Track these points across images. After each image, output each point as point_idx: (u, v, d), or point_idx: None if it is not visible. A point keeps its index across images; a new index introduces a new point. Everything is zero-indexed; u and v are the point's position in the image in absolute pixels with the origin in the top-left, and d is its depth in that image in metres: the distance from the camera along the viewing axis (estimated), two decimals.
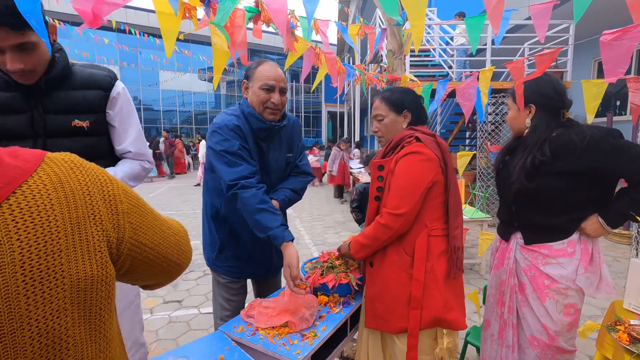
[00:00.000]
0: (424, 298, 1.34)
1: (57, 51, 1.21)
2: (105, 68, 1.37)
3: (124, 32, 7.54)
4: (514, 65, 1.27)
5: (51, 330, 0.44)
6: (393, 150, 1.45)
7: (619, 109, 6.49)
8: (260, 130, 1.55)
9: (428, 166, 1.34)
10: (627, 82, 1.62)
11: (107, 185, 0.54)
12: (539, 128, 1.43)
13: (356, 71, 2.43)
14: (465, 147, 8.84)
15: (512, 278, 1.52)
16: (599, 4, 5.18)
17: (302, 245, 4.94)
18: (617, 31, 1.07)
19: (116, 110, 1.33)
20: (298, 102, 26.81)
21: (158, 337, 2.63)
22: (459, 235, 1.40)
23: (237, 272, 1.69)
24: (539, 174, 1.40)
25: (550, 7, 1.54)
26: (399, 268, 1.38)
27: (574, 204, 1.39)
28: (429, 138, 1.40)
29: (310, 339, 1.28)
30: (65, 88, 1.23)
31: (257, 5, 1.37)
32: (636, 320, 1.37)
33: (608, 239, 5.02)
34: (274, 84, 1.50)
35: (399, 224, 1.33)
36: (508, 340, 1.52)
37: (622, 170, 1.31)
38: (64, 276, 0.45)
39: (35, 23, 0.87)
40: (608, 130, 1.35)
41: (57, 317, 0.45)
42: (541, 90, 1.43)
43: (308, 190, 5.61)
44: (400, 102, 1.50)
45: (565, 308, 1.40)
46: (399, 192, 1.34)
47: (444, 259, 1.38)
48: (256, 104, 1.52)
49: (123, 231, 0.54)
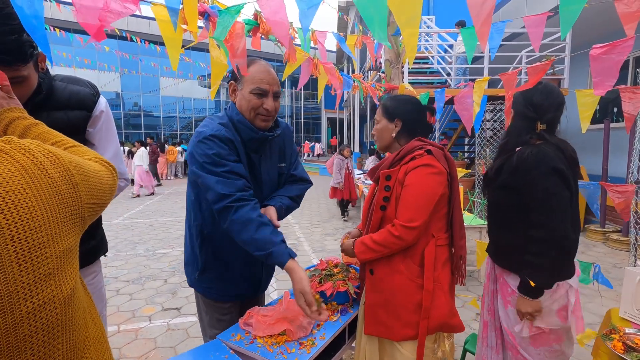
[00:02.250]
0: (432, 307, 1.37)
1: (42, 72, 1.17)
2: (88, 83, 1.31)
3: (125, 40, 7.62)
4: (508, 76, 1.29)
5: (42, 292, 0.53)
6: (401, 160, 1.44)
7: (616, 115, 6.53)
8: (252, 141, 1.39)
9: (439, 179, 1.36)
10: (620, 92, 1.65)
11: (58, 162, 0.62)
12: (510, 133, 1.48)
13: (354, 81, 2.47)
14: (465, 153, 8.87)
15: (490, 283, 1.58)
16: (592, 13, 5.25)
17: (301, 252, 4.93)
18: (606, 45, 1.10)
19: (97, 128, 1.29)
20: (298, 109, 26.93)
21: (156, 345, 2.63)
22: (464, 245, 1.45)
23: (222, 294, 1.52)
24: (491, 185, 1.49)
25: (545, 18, 1.57)
26: (406, 277, 1.39)
27: (515, 222, 1.41)
28: (439, 151, 1.41)
29: (308, 347, 1.29)
30: (48, 108, 1.18)
31: (255, 18, 1.39)
32: (631, 328, 1.38)
33: (607, 246, 5.02)
34: (267, 89, 1.33)
35: (412, 237, 1.34)
36: (491, 342, 1.57)
37: (529, 208, 1.33)
38: (46, 246, 0.55)
39: (39, 40, 0.89)
40: (547, 160, 1.31)
41: (46, 281, 0.54)
42: (521, 97, 1.46)
43: (307, 196, 5.60)
44: (393, 109, 1.51)
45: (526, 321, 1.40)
46: (413, 205, 1.34)
47: (448, 267, 1.42)
48: (246, 110, 1.35)
49: (81, 200, 0.65)
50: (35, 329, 0.53)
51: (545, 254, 1.27)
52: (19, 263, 0.51)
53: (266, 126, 1.40)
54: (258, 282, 1.60)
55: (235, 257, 1.47)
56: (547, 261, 1.28)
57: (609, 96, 6.33)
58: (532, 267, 1.31)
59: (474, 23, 1.07)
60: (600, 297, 3.18)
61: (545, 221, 1.27)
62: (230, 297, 1.55)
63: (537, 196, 1.29)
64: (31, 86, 1.08)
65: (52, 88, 1.20)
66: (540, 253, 1.28)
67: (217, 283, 1.50)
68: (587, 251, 4.82)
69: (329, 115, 24.93)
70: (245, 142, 1.38)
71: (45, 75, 1.17)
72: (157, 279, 3.95)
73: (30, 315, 0.51)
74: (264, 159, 1.48)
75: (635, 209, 3.21)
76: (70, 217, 0.60)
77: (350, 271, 1.74)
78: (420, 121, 1.52)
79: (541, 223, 1.28)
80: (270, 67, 1.37)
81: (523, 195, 1.34)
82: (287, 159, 1.60)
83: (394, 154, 1.48)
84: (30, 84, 1.07)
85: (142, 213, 7.81)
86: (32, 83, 1.08)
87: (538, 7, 6.10)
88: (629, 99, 1.57)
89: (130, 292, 3.59)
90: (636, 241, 3.24)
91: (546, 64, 1.20)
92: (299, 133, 26.89)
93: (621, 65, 1.14)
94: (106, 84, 20.09)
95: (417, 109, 1.52)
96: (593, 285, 1.85)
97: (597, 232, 5.35)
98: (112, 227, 6.43)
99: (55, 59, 13.89)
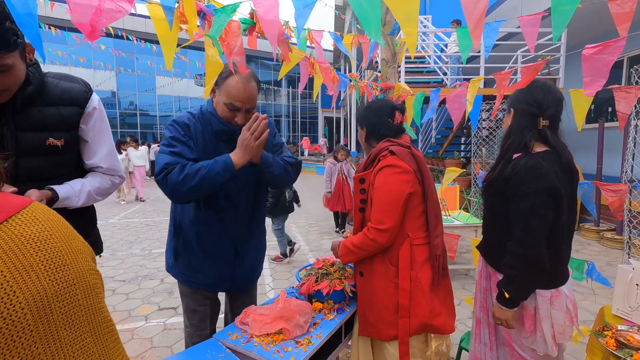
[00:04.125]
0: (411, 306, 1.38)
1: (32, 66, 1.15)
2: (80, 80, 1.30)
3: (121, 38, 7.57)
4: (501, 76, 1.30)
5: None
6: (372, 163, 1.50)
7: (610, 115, 6.59)
8: (222, 133, 1.45)
9: (404, 178, 1.38)
10: (613, 91, 1.67)
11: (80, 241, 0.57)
12: (512, 131, 1.45)
13: (350, 81, 2.47)
14: (460, 152, 8.91)
15: (483, 280, 1.58)
16: (588, 13, 5.28)
17: (299, 251, 4.94)
18: (598, 45, 1.11)
19: (89, 125, 1.28)
20: (295, 108, 26.89)
21: (153, 345, 2.62)
22: (439, 244, 1.45)
23: (193, 282, 1.58)
24: (488, 188, 1.49)
25: (539, 18, 1.58)
26: (385, 278, 1.43)
27: (503, 228, 1.41)
28: (403, 150, 1.43)
29: (305, 346, 1.29)
30: (39, 104, 1.17)
31: (252, 17, 1.39)
32: (624, 325, 1.39)
33: (601, 244, 5.07)
34: (239, 106, 1.39)
35: (385, 239, 1.38)
36: (484, 338, 1.57)
37: (512, 220, 1.33)
38: (74, 283, 0.49)
39: (32, 38, 0.88)
40: (540, 177, 1.29)
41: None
42: (521, 95, 1.45)
43: (303, 194, 5.59)
44: (359, 117, 1.65)
45: (520, 318, 1.39)
46: (381, 207, 1.38)
47: (427, 267, 1.42)
48: (220, 114, 1.43)
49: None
50: None
51: (518, 268, 1.28)
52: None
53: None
54: (231, 276, 1.60)
55: (200, 247, 1.52)
56: (519, 276, 1.28)
57: (604, 96, 6.38)
58: (506, 278, 1.32)
59: (467, 23, 1.07)
60: (594, 295, 3.21)
61: (522, 238, 1.28)
62: (201, 285, 1.59)
63: (520, 212, 1.29)
64: (17, 76, 1.06)
65: (44, 84, 1.19)
66: (514, 266, 1.29)
67: (187, 270, 1.57)
68: (582, 249, 4.86)
69: (326, 114, 24.94)
70: (215, 132, 1.45)
71: (35, 69, 1.16)
72: (153, 278, 3.94)
73: None
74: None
75: (629, 207, 3.25)
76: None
77: (347, 270, 1.74)
78: (382, 124, 1.55)
79: (518, 238, 1.29)
80: (249, 82, 1.38)
81: (511, 205, 1.34)
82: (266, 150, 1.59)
83: (366, 157, 1.54)
84: (16, 74, 1.05)
85: (138, 212, 7.78)
86: (18, 73, 1.06)
87: (534, 7, 6.13)
88: (622, 98, 1.59)
89: (126, 292, 3.58)
90: (630, 239, 3.28)
91: (539, 64, 1.21)
92: (296, 132, 26.86)
93: (611, 65, 1.15)
94: (102, 83, 19.94)
95: (377, 114, 1.56)
96: (587, 283, 1.86)
97: (591, 230, 5.39)
98: (108, 226, 6.40)
99: (50, 57, 13.80)
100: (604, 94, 5.83)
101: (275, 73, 5.16)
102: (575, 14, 1.16)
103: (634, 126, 3.33)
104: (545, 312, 1.32)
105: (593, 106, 6.94)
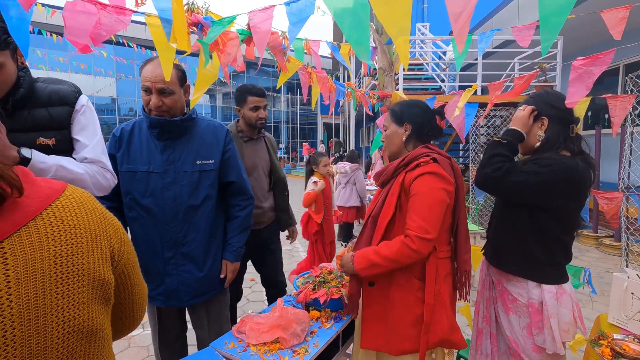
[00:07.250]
0: (432, 321, 1.32)
1: (21, 69, 1.17)
2: (70, 83, 1.33)
3: (122, 45, 7.63)
4: (494, 86, 1.33)
5: (73, 318, 0.54)
6: (406, 167, 1.39)
7: (607, 122, 6.63)
8: (153, 127, 1.50)
9: (448, 189, 1.32)
10: (607, 99, 1.69)
11: (114, 220, 0.66)
12: (551, 140, 1.38)
13: (347, 89, 2.49)
14: (459, 159, 8.94)
15: (485, 290, 1.55)
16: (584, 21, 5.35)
17: (297, 257, 4.92)
18: (589, 57, 1.13)
19: (80, 123, 1.30)
20: (294, 114, 27.00)
21: (149, 354, 2.60)
22: (469, 259, 1.40)
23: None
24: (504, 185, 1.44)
25: (533, 27, 1.61)
26: (405, 290, 1.35)
27: (520, 225, 1.39)
28: (445, 160, 1.37)
29: (302, 355, 1.29)
30: (30, 106, 1.19)
31: (249, 28, 1.42)
32: (619, 334, 1.39)
33: (600, 251, 5.07)
34: (148, 85, 1.43)
35: (428, 249, 1.28)
36: (485, 349, 1.54)
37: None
38: (84, 274, 0.56)
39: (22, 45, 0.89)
40: (570, 171, 1.28)
41: (79, 309, 0.55)
42: (553, 102, 1.39)
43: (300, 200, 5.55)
44: (402, 113, 1.47)
45: (528, 327, 1.37)
46: (426, 216, 1.27)
47: (449, 281, 1.38)
48: (144, 104, 1.50)
49: (120, 256, 0.65)
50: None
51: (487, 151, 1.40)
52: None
53: (162, 116, 1.48)
54: (164, 288, 1.55)
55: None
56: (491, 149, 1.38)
57: (601, 103, 6.42)
58: (491, 148, 1.42)
59: (452, 27, 1.09)
60: (592, 302, 3.20)
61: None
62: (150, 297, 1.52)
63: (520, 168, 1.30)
64: (7, 75, 1.07)
65: (34, 88, 1.22)
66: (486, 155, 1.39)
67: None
68: (580, 256, 4.86)
69: (325, 120, 25.03)
70: (148, 128, 1.52)
71: (25, 73, 1.18)
72: None
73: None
74: (176, 148, 1.52)
75: (625, 214, 3.26)
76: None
77: (344, 278, 1.74)
78: (430, 124, 1.47)
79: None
80: (158, 65, 1.40)
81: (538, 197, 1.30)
82: (215, 156, 1.58)
83: (399, 160, 1.42)
84: (7, 73, 1.06)
85: None
86: (8, 72, 1.07)
87: (529, 17, 6.21)
88: (615, 105, 1.62)
89: None
90: (627, 246, 3.28)
91: (532, 74, 1.23)
92: (295, 138, 26.92)
93: (596, 78, 1.16)
94: (102, 89, 20.03)
95: (426, 112, 1.48)
96: (583, 289, 1.87)
97: (590, 237, 5.40)
98: None
99: (51, 64, 13.84)
100: (600, 102, 5.86)
101: (275, 80, 5.21)
102: (572, 23, 1.18)
103: (629, 133, 3.36)
104: (554, 308, 1.30)
105: (590, 113, 6.99)
